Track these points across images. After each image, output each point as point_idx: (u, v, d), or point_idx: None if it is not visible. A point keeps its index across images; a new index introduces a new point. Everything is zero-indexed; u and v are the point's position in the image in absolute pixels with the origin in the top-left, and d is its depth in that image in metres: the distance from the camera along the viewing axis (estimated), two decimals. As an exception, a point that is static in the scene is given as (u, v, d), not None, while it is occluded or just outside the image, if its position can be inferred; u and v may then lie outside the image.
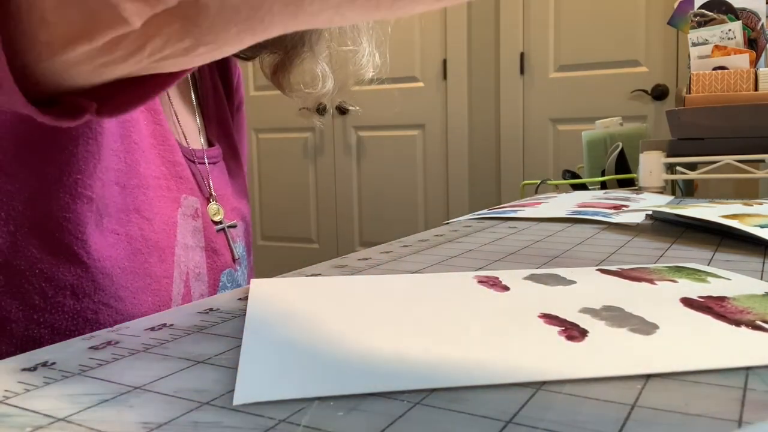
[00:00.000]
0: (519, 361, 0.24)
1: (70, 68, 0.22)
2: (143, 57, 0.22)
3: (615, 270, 0.41)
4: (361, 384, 0.22)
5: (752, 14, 1.06)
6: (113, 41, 0.21)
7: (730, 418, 0.19)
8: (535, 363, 0.24)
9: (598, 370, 0.23)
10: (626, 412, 0.20)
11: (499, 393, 0.21)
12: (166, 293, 0.44)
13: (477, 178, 2.73)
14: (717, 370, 0.23)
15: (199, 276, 0.47)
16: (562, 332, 0.27)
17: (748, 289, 0.35)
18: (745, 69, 1.01)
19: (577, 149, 1.52)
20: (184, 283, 0.46)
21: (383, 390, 0.21)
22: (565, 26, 2.50)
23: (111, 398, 0.21)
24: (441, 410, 0.20)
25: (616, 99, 2.45)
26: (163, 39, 0.21)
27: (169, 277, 0.44)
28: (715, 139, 0.99)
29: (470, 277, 0.39)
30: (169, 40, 0.21)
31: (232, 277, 0.51)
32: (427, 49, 2.73)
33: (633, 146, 1.12)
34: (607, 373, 0.23)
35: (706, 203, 0.71)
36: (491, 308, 0.32)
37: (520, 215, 0.70)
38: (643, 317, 0.29)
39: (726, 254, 0.47)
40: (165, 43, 0.21)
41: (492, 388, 0.22)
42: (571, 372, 0.23)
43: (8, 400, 0.21)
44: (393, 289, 0.36)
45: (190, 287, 0.46)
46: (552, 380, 0.22)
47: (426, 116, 2.76)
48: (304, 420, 0.20)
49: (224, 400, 0.21)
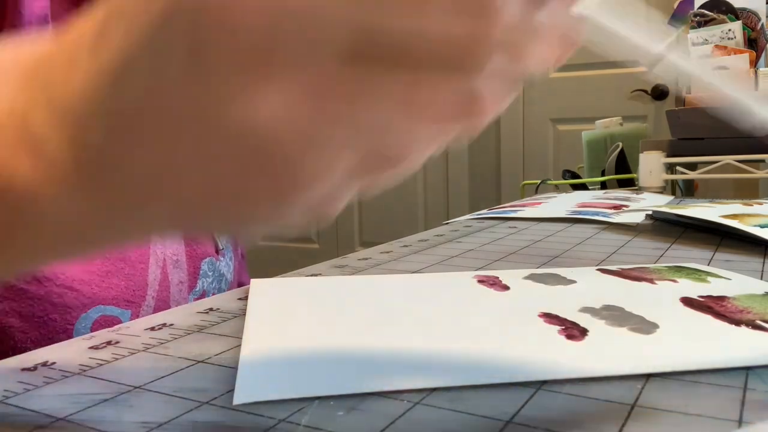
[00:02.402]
0: (519, 360, 0.24)
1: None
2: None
3: (615, 270, 0.41)
4: (361, 384, 0.22)
5: (752, 14, 1.06)
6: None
7: (730, 418, 0.19)
8: (535, 362, 0.24)
9: (598, 369, 0.23)
10: (626, 412, 0.20)
11: (499, 393, 0.21)
12: (141, 278, 0.43)
13: (477, 178, 2.73)
14: (717, 370, 0.23)
15: (177, 263, 0.47)
16: (562, 331, 0.27)
17: (748, 289, 0.35)
18: (745, 69, 1.01)
19: (577, 149, 1.52)
20: (161, 269, 0.45)
21: (383, 390, 0.21)
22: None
23: (111, 398, 0.21)
24: (441, 410, 0.20)
25: (616, 99, 2.45)
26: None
27: (145, 263, 0.44)
28: (715, 139, 0.99)
29: (470, 276, 0.39)
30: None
31: (214, 267, 0.51)
32: (427, 49, 2.73)
33: (633, 146, 1.12)
34: (607, 373, 0.23)
35: (706, 203, 0.71)
36: (491, 308, 0.32)
37: (520, 215, 0.70)
38: (643, 317, 0.29)
39: (726, 254, 0.47)
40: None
41: (492, 388, 0.22)
42: (571, 371, 0.23)
43: (8, 400, 0.21)
44: (393, 289, 0.36)
45: (167, 273, 0.46)
46: (552, 380, 0.22)
47: (426, 116, 2.76)
48: (304, 420, 0.20)
49: (224, 400, 0.21)
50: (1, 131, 0.17)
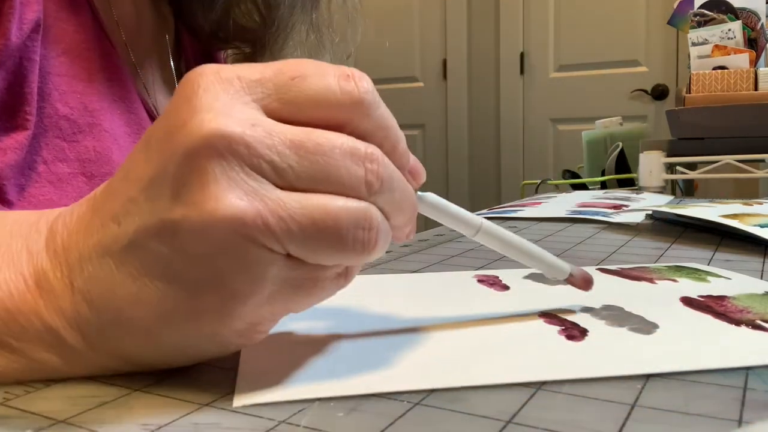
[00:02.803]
0: (519, 360, 0.24)
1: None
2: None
3: (615, 269, 0.41)
4: (362, 385, 0.22)
5: (752, 14, 1.06)
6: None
7: (730, 418, 0.19)
8: (535, 363, 0.24)
9: (598, 369, 0.23)
10: (626, 412, 0.20)
11: (499, 393, 0.21)
12: None
13: (477, 178, 2.73)
14: (717, 370, 0.23)
15: None
16: (562, 332, 0.27)
17: (748, 289, 0.35)
18: (745, 69, 1.01)
19: (577, 149, 1.52)
20: None
21: (384, 391, 0.21)
22: (565, 26, 2.50)
23: (111, 400, 0.21)
24: (441, 410, 0.20)
25: (616, 99, 2.45)
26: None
27: None
28: (715, 138, 0.99)
29: (470, 276, 0.39)
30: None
31: None
32: (427, 49, 2.73)
33: (633, 146, 1.12)
34: (607, 373, 0.23)
35: (706, 203, 0.71)
36: (491, 307, 0.32)
37: (520, 215, 0.70)
38: (643, 316, 0.29)
39: (726, 254, 0.47)
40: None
41: (492, 388, 0.22)
42: (572, 372, 0.23)
43: (9, 402, 0.21)
44: (393, 289, 0.36)
45: None
46: (552, 380, 0.22)
47: (426, 116, 2.76)
48: (304, 421, 0.20)
49: (224, 402, 0.21)
50: None
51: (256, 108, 0.21)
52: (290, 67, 0.21)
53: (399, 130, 0.23)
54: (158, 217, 0.20)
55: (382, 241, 0.22)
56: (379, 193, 0.21)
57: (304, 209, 0.20)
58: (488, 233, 0.27)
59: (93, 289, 0.21)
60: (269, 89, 0.21)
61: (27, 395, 0.22)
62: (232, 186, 0.19)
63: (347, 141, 0.21)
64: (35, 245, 0.23)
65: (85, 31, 0.42)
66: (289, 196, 0.20)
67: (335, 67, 0.22)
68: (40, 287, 0.22)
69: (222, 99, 0.20)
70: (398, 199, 0.22)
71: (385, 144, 0.22)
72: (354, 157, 0.21)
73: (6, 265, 0.22)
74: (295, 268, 0.21)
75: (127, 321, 0.21)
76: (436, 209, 0.26)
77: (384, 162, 0.22)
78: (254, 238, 0.19)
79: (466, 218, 0.27)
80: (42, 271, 0.22)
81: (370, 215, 0.21)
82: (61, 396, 0.22)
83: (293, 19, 0.53)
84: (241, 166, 0.19)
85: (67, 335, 0.22)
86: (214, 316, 0.21)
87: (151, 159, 0.21)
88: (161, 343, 0.22)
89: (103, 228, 0.21)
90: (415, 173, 0.25)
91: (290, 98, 0.21)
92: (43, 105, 0.39)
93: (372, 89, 0.22)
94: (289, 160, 0.20)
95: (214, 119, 0.19)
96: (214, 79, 0.21)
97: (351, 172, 0.21)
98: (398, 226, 0.24)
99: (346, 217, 0.20)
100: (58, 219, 0.23)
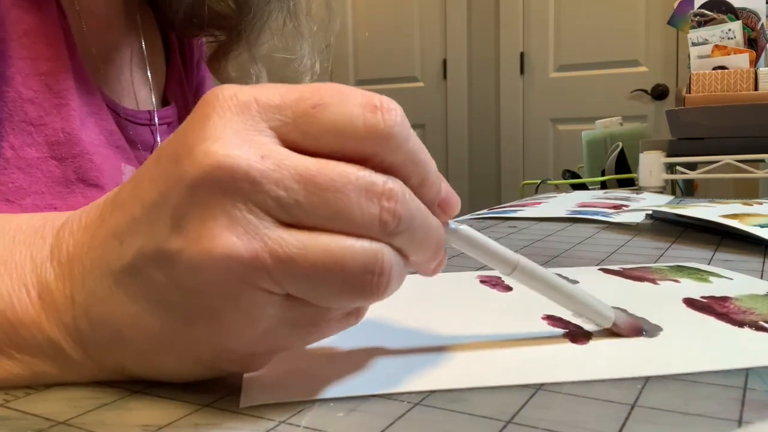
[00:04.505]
0: (523, 363, 0.24)
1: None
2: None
3: (617, 270, 0.41)
4: (363, 386, 0.22)
5: (752, 14, 1.06)
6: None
7: (730, 418, 0.19)
8: (539, 365, 0.24)
9: (602, 372, 0.23)
10: (626, 412, 0.20)
11: (499, 393, 0.21)
12: None
13: (477, 178, 2.73)
14: (719, 370, 0.23)
15: None
16: (567, 335, 0.27)
17: (750, 289, 0.35)
18: (745, 69, 1.01)
19: (577, 149, 1.52)
20: None
21: (385, 392, 0.21)
22: (565, 26, 2.50)
23: (111, 401, 0.21)
24: (441, 410, 0.20)
25: (616, 99, 2.45)
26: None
27: None
28: (715, 138, 0.99)
29: (473, 277, 0.39)
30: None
31: None
32: (427, 49, 2.73)
33: (633, 146, 1.12)
34: (611, 376, 0.23)
35: (706, 203, 0.71)
36: (494, 308, 0.32)
37: (520, 215, 0.70)
38: (646, 319, 0.29)
39: (726, 254, 0.47)
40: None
41: (492, 388, 0.22)
42: (576, 375, 0.23)
43: (9, 404, 0.21)
44: (393, 290, 0.36)
45: None
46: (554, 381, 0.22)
47: (426, 116, 2.76)
48: (304, 421, 0.20)
49: (224, 403, 0.21)
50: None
51: (270, 136, 0.20)
52: (313, 93, 0.20)
53: (430, 161, 0.22)
54: (157, 245, 0.19)
55: (395, 283, 0.20)
56: (396, 233, 0.20)
57: (306, 250, 0.19)
58: (526, 272, 0.25)
59: (93, 306, 0.21)
60: (287, 117, 0.20)
61: (27, 397, 0.22)
62: (231, 224, 0.18)
63: (364, 176, 0.20)
64: (39, 254, 0.23)
65: (46, 15, 0.41)
66: (292, 235, 0.19)
67: (363, 95, 0.20)
68: (42, 299, 0.22)
69: (234, 126, 0.19)
70: (419, 238, 0.21)
71: (413, 178, 0.21)
72: (369, 193, 0.19)
73: (9, 273, 0.22)
74: (294, 308, 0.20)
75: (125, 340, 0.21)
76: (469, 243, 0.24)
77: (404, 199, 0.20)
78: (249, 279, 0.19)
79: (502, 255, 0.25)
80: (45, 283, 0.22)
81: (381, 258, 0.20)
82: (61, 397, 0.22)
83: (270, 6, 0.51)
84: (244, 203, 0.19)
85: (68, 347, 0.22)
86: (209, 346, 0.21)
87: (156, 180, 0.20)
88: (160, 363, 0.22)
89: (107, 243, 0.21)
90: (446, 206, 0.23)
91: (309, 129, 0.20)
92: (6, 89, 0.39)
93: (401, 121, 0.20)
94: (297, 195, 0.19)
95: (220, 150, 0.19)
96: (231, 103, 0.20)
97: (364, 210, 0.19)
98: (421, 262, 0.22)
99: (352, 260, 0.19)
100: (65, 226, 0.23)
